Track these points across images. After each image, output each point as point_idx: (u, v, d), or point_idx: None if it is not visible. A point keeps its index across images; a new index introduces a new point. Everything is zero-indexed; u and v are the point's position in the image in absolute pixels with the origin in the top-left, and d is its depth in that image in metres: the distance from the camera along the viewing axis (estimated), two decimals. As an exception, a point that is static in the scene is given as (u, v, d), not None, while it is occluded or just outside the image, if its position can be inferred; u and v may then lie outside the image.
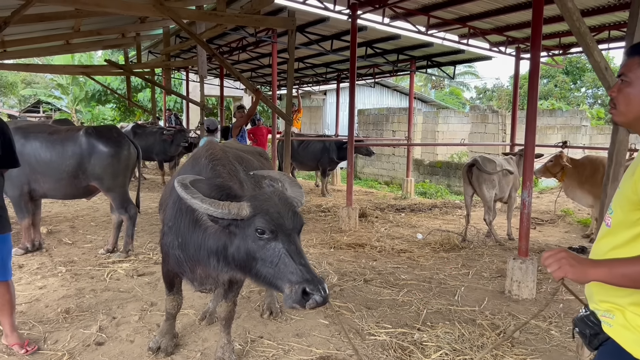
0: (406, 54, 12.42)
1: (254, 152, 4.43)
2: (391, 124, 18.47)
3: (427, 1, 8.36)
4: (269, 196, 2.64)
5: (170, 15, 6.94)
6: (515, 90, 11.06)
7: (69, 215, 8.66)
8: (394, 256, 6.90)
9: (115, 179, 6.05)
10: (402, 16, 8.97)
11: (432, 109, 24.31)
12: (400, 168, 17.55)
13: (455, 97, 38.42)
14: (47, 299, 4.79)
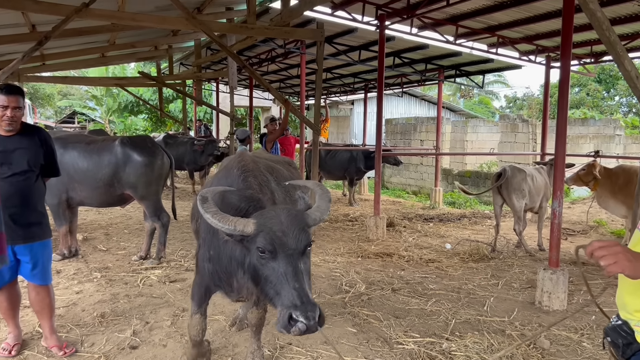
0: (434, 63, 12.42)
1: (283, 162, 4.47)
2: (419, 133, 18.42)
3: (455, 11, 8.38)
4: (275, 213, 2.56)
5: (202, 28, 7.11)
6: (546, 99, 10.93)
7: (103, 223, 8.91)
8: (422, 266, 6.89)
9: (149, 187, 6.22)
10: (430, 26, 9.01)
11: (461, 118, 24.15)
12: (428, 177, 17.47)
13: (485, 106, 38.06)
14: (83, 304, 4.95)
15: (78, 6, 6.31)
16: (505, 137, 16.06)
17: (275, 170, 3.71)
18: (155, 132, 27.58)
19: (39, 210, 3.84)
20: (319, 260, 6.95)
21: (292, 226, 2.50)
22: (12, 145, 3.69)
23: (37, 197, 3.84)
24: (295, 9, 7.20)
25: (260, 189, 3.09)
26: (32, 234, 3.76)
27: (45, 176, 4.00)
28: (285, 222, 2.50)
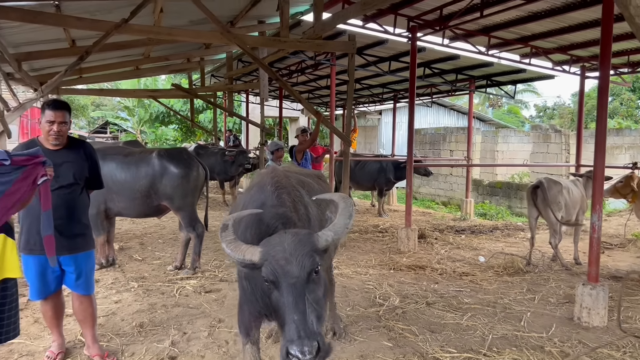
0: (465, 73, 12.36)
1: (313, 175, 4.46)
2: (448, 144, 18.28)
3: (488, 22, 8.33)
4: (280, 239, 2.46)
5: (237, 42, 7.23)
6: (581, 110, 10.75)
7: (137, 233, 9.08)
8: (455, 279, 6.81)
9: (185, 198, 6.33)
10: (462, 37, 8.98)
11: (491, 128, 23.91)
12: (458, 188, 17.30)
13: (514, 115, 37.56)
14: (122, 313, 5.05)
15: (118, 22, 6.49)
16: (537, 148, 15.81)
17: (306, 184, 3.71)
18: (185, 142, 28.01)
19: (83, 222, 3.94)
20: (351, 272, 6.94)
21: (296, 252, 2.38)
22: (59, 158, 3.80)
23: (81, 209, 3.95)
24: (328, 23, 7.26)
25: (294, 205, 3.06)
26: (76, 245, 3.86)
27: (89, 188, 4.11)
28: (289, 248, 2.40)
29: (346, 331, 4.64)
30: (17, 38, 8.09)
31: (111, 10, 7.60)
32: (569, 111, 32.64)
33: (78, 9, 7.18)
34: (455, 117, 25.12)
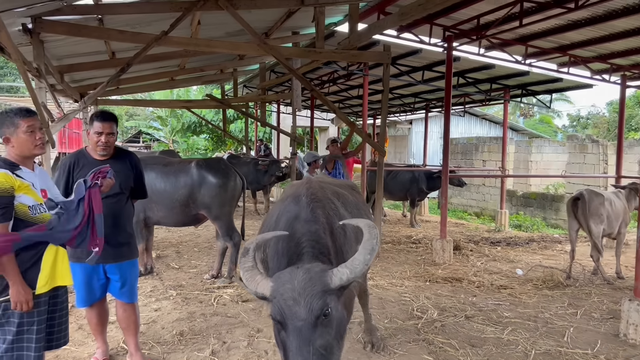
0: (500, 83, 12.21)
1: (347, 186, 4.36)
2: (481, 154, 18.04)
3: (525, 31, 8.22)
4: (290, 276, 2.27)
5: (273, 53, 7.31)
6: (621, 119, 10.50)
7: (173, 241, 9.20)
8: (493, 292, 6.69)
9: (223, 208, 6.39)
10: (498, 46, 8.89)
11: (524, 137, 23.54)
12: (491, 199, 17.04)
13: (546, 124, 36.90)
14: (162, 321, 5.11)
15: (158, 34, 6.64)
16: (573, 158, 15.45)
17: (341, 195, 3.64)
18: (216, 151, 28.35)
19: (128, 231, 4.01)
20: (386, 283, 6.89)
21: (305, 292, 2.20)
22: (105, 169, 3.89)
23: (126, 218, 4.03)
24: (364, 33, 7.28)
25: (327, 220, 2.94)
26: (121, 254, 3.93)
27: (134, 198, 4.19)
28: (299, 287, 2.21)
29: (385, 344, 4.59)
30: (60, 51, 8.35)
31: (150, 23, 7.79)
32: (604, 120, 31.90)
33: (120, 22, 7.37)
34: (487, 126, 24.82)
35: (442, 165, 8.61)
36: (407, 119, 22.48)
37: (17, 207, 2.82)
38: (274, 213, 3.32)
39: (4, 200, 2.73)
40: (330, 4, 7.38)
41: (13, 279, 2.77)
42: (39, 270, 2.92)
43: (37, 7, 5.77)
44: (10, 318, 2.86)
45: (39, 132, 2.96)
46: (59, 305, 3.17)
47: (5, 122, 2.89)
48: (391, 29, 8.20)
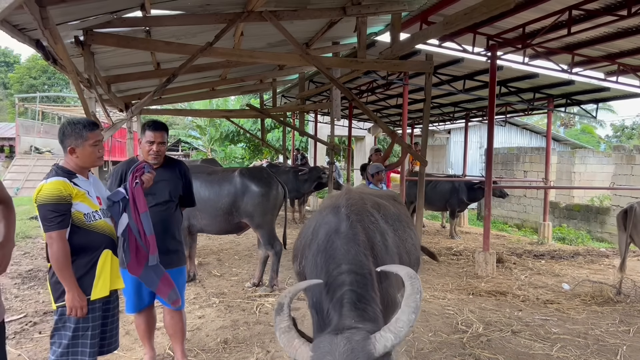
0: (543, 92, 11.94)
1: (388, 196, 4.21)
2: (522, 164, 17.66)
3: (572, 40, 8.03)
4: (330, 348, 2.08)
5: (315, 63, 7.35)
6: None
7: (214, 249, 9.31)
8: (540, 307, 6.50)
9: (265, 216, 6.43)
10: (543, 55, 8.71)
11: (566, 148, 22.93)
12: (532, 210, 16.64)
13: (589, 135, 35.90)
14: (207, 329, 5.15)
15: (203, 45, 6.78)
16: (620, 170, 14.94)
17: (382, 207, 3.46)
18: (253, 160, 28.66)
19: (177, 239, 4.08)
20: (428, 296, 6.78)
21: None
22: (156, 177, 3.95)
23: (175, 226, 4.09)
24: (406, 43, 7.25)
25: (367, 237, 2.79)
26: (170, 261, 3.98)
27: (182, 206, 4.25)
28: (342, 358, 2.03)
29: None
30: (107, 62, 8.61)
31: (195, 35, 7.96)
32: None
33: (166, 34, 7.56)
34: (527, 136, 24.31)
35: (485, 176, 8.46)
36: (446, 128, 22.23)
37: (73, 215, 2.90)
38: (312, 224, 3.21)
39: (62, 207, 2.81)
40: (373, 14, 7.39)
41: (69, 285, 2.84)
42: (94, 276, 2.99)
43: (90, 20, 5.98)
44: (66, 323, 2.93)
45: (101, 145, 3.04)
46: (111, 310, 3.23)
47: (73, 133, 2.96)
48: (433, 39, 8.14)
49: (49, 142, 25.56)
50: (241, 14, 6.74)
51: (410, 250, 3.40)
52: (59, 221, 2.81)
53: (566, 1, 6.62)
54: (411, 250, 3.42)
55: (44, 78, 45.17)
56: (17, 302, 6.01)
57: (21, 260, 8.05)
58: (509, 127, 23.02)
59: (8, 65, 50.43)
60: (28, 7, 3.89)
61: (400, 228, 3.38)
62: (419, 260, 3.62)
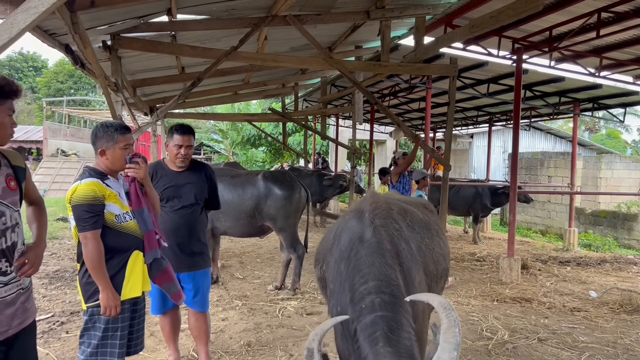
0: (569, 96, 11.76)
1: (418, 203, 3.94)
2: (547, 169, 17.40)
3: (600, 43, 7.89)
4: None
5: (339, 67, 7.36)
6: None
7: (236, 251, 9.36)
8: (566, 314, 6.37)
9: (287, 219, 6.44)
10: (570, 58, 8.57)
11: (591, 153, 22.55)
12: (556, 216, 16.39)
13: (615, 139, 35.21)
14: (230, 331, 5.17)
15: (227, 50, 6.83)
16: (648, 175, 14.67)
17: (409, 213, 3.27)
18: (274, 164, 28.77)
19: (202, 241, 4.10)
20: (452, 302, 6.70)
21: None
22: (182, 180, 4.00)
23: (200, 228, 4.12)
24: (431, 46, 7.20)
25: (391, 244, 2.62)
26: (195, 263, 4.02)
27: (208, 209, 4.28)
28: None
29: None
30: (133, 66, 8.74)
31: (220, 39, 8.03)
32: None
33: (191, 39, 7.64)
34: (552, 140, 23.98)
35: (510, 181, 8.34)
36: (468, 132, 22.03)
37: (105, 216, 2.93)
38: (334, 228, 3.07)
39: (97, 208, 2.85)
40: (397, 17, 7.36)
41: (104, 285, 2.86)
42: (124, 277, 3.01)
43: (117, 25, 6.08)
44: (96, 323, 2.96)
45: (130, 149, 3.07)
46: (139, 312, 3.25)
47: (104, 136, 3.00)
48: (458, 42, 8.08)
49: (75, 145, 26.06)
50: (265, 18, 6.78)
51: (438, 260, 3.19)
52: (94, 221, 2.84)
53: (595, 3, 6.51)
54: (439, 260, 3.21)
55: (70, 82, 46.07)
56: (45, 301, 6.12)
57: (48, 261, 8.20)
58: (533, 132, 22.75)
59: (36, 70, 51.60)
60: (60, 12, 3.97)
61: (428, 236, 3.18)
62: (447, 271, 3.41)
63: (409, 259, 2.71)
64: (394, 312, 2.22)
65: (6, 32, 1.71)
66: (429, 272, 2.93)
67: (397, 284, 2.39)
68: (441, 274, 3.23)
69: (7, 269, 2.36)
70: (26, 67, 51.97)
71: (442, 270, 3.26)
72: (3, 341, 2.34)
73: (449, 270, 3.56)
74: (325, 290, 2.91)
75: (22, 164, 2.56)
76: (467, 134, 22.34)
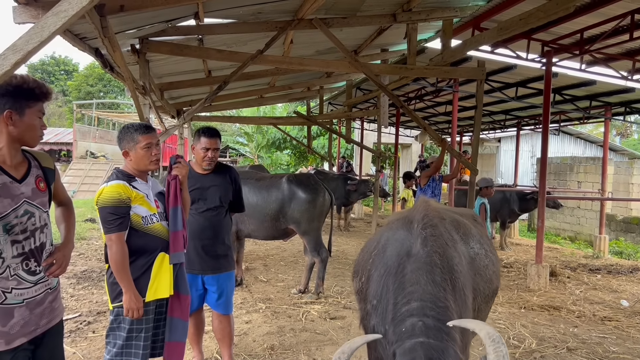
0: (600, 100, 11.49)
1: (468, 215, 3.64)
2: (576, 174, 17.03)
3: (634, 45, 7.69)
4: None
5: (364, 70, 7.32)
6: None
7: (260, 254, 9.39)
8: (597, 324, 6.20)
9: (311, 223, 6.43)
10: (601, 61, 8.37)
11: (623, 158, 22.01)
12: (586, 223, 16.02)
13: (647, 144, 34.33)
14: (253, 334, 5.17)
15: (254, 53, 6.87)
16: (683, 181, 14.22)
17: (462, 225, 2.99)
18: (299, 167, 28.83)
19: (226, 244, 4.11)
20: (478, 308, 6.58)
21: None
22: (207, 182, 4.02)
23: (225, 230, 4.13)
24: (458, 49, 7.12)
25: (443, 260, 2.38)
26: (219, 265, 4.03)
27: (232, 211, 4.29)
28: None
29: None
30: (161, 70, 8.84)
31: (246, 43, 8.08)
32: None
33: (218, 42, 7.70)
34: (581, 145, 23.46)
35: (539, 186, 8.18)
36: (496, 136, 21.72)
37: (131, 217, 2.96)
38: (379, 237, 2.83)
39: (122, 210, 2.88)
40: (423, 20, 7.30)
41: (126, 287, 2.89)
42: (149, 278, 3.03)
43: (145, 29, 6.16)
44: (121, 323, 2.99)
45: (155, 149, 3.09)
46: (164, 313, 3.27)
47: (126, 137, 3.05)
48: (486, 45, 7.97)
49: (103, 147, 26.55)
50: (291, 21, 6.79)
51: (491, 278, 2.94)
52: (118, 223, 2.88)
53: (629, 5, 6.34)
54: (492, 278, 2.95)
55: (100, 85, 47.02)
56: (73, 301, 6.22)
57: (76, 261, 8.35)
58: (563, 136, 22.29)
59: (68, 74, 52.81)
60: (89, 16, 4.03)
61: (482, 252, 2.93)
62: (496, 291, 3.16)
63: (463, 276, 2.46)
64: (436, 338, 2.01)
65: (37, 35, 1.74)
66: (480, 292, 2.73)
67: (444, 305, 2.17)
68: (492, 294, 3.01)
69: (36, 268, 2.40)
70: (58, 70, 53.23)
71: (494, 290, 3.04)
72: (31, 340, 2.38)
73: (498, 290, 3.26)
74: (365, 304, 2.64)
75: (51, 165, 2.60)
76: (495, 138, 22.02)
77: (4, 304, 2.26)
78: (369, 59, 10.05)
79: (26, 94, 2.29)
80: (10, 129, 2.27)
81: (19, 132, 2.30)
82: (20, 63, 1.72)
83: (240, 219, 6.47)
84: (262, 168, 12.65)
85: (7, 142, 2.29)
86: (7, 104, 2.25)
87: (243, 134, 33.18)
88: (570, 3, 4.68)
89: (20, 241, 2.32)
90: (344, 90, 13.98)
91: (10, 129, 2.28)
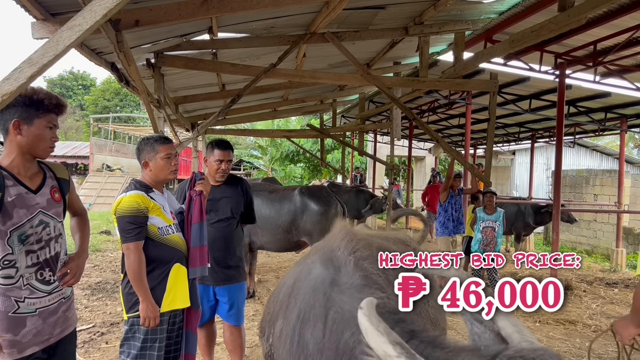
0: (615, 112, 11.40)
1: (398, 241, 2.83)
2: (592, 187, 16.83)
3: (648, 56, 7.64)
4: None
5: (377, 83, 7.36)
6: None
7: (273, 266, 9.39)
8: (613, 338, 6.07)
9: (324, 235, 6.40)
10: (616, 73, 8.32)
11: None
12: (603, 236, 15.78)
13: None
14: (265, 346, 5.16)
15: (267, 67, 6.94)
16: (703, 194, 14.00)
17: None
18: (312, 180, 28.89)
19: (237, 255, 4.13)
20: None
21: None
22: (219, 194, 4.06)
23: (236, 242, 4.15)
24: (470, 62, 7.13)
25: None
26: (231, 277, 4.05)
27: (243, 223, 4.31)
28: None
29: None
30: (175, 83, 8.98)
31: (259, 57, 8.17)
32: None
33: (231, 56, 7.79)
34: (597, 158, 23.22)
35: (554, 199, 8.11)
36: (510, 149, 21.60)
37: (148, 228, 3.00)
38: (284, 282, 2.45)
39: (140, 220, 2.92)
40: (435, 33, 7.33)
41: (144, 296, 2.91)
42: (164, 289, 3.06)
43: (160, 44, 6.27)
44: (136, 333, 3.01)
45: (174, 159, 3.15)
46: (177, 324, 3.29)
47: (146, 147, 3.11)
48: (498, 57, 7.97)
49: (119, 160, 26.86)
50: (304, 35, 6.86)
51: None
52: (136, 233, 2.92)
53: (642, 17, 6.32)
54: None
55: (116, 100, 47.71)
56: (87, 312, 6.28)
57: (91, 273, 8.43)
58: (578, 149, 22.11)
59: (85, 88, 53.70)
60: (105, 31, 4.12)
61: None
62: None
63: None
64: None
65: (52, 49, 1.79)
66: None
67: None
68: None
69: (50, 278, 2.44)
70: (76, 85, 54.16)
71: None
72: (45, 349, 2.41)
73: None
74: None
75: (66, 176, 2.65)
76: (509, 150, 21.90)
77: (16, 312, 2.30)
78: (381, 71, 10.09)
79: (36, 104, 2.35)
80: (19, 138, 2.33)
81: (27, 142, 2.35)
82: (36, 76, 1.77)
83: (253, 230, 6.50)
84: (274, 181, 12.70)
85: (18, 152, 2.35)
86: (16, 114, 2.31)
87: (257, 147, 33.38)
88: (581, 15, 4.68)
89: (35, 251, 2.36)
90: (356, 103, 14.04)
91: (18, 139, 2.33)
